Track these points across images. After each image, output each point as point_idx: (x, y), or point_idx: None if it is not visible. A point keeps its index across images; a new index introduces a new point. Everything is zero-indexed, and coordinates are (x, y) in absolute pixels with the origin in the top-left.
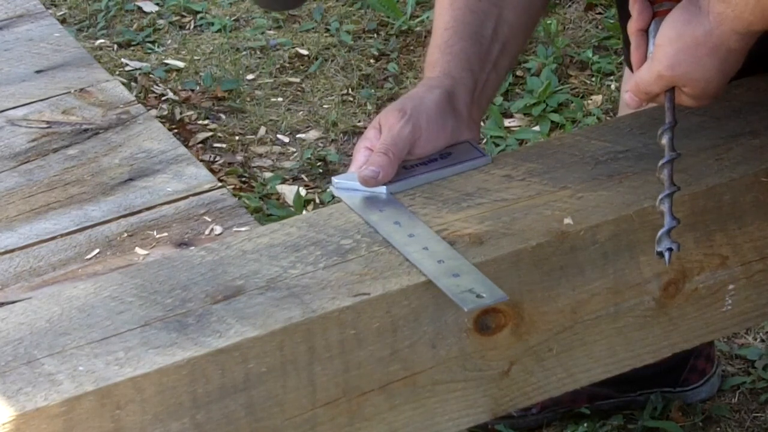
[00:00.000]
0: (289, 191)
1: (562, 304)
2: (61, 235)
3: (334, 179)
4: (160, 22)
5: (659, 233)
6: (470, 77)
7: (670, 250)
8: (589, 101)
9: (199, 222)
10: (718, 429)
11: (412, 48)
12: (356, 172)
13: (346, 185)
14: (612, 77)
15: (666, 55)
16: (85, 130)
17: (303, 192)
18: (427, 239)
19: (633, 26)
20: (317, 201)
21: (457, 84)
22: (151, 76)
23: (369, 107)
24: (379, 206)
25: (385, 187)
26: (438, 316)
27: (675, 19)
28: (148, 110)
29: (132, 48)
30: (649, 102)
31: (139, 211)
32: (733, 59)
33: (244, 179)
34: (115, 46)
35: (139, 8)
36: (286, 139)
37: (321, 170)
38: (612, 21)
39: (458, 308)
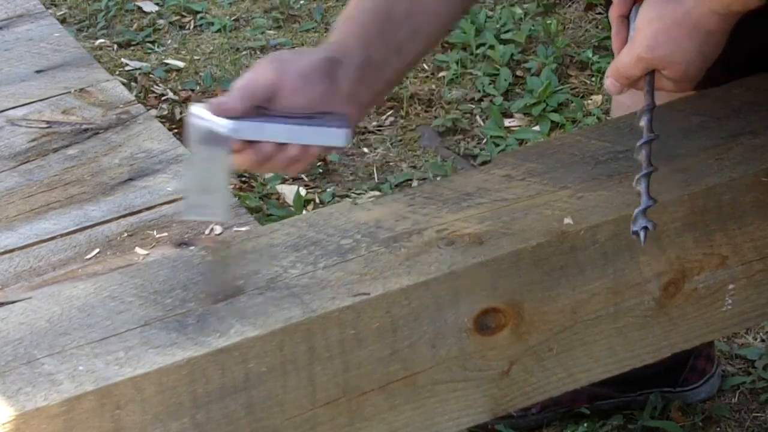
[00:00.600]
0: (289, 191)
1: (562, 304)
2: (61, 235)
3: (193, 106)
4: (160, 22)
5: (635, 212)
6: (362, 53)
7: (645, 229)
8: (589, 101)
9: (199, 222)
10: (718, 429)
11: None
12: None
13: (202, 114)
14: None
15: (645, 37)
16: (85, 130)
17: (303, 192)
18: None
19: (614, 12)
20: (317, 201)
21: (345, 55)
22: (151, 76)
23: None
24: (206, 152)
25: (231, 121)
26: (438, 316)
27: (654, 0)
28: (148, 110)
29: (132, 48)
30: (630, 87)
31: (139, 211)
32: (712, 41)
33: (244, 179)
34: (115, 46)
35: (139, 8)
36: None
37: (321, 170)
38: None
39: (458, 308)
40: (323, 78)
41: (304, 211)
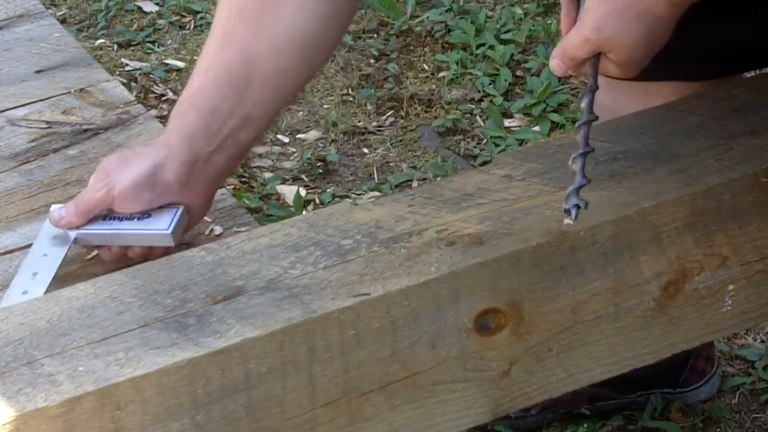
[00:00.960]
0: (289, 191)
1: (562, 304)
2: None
3: (53, 207)
4: (160, 22)
5: (568, 190)
6: (186, 151)
7: (577, 207)
8: None
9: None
10: (718, 429)
11: (412, 48)
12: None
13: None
14: None
15: (593, 19)
16: (85, 130)
17: (303, 192)
18: (37, 287)
19: None
20: (317, 201)
21: (169, 157)
22: (151, 76)
23: (369, 107)
24: (52, 245)
25: (73, 232)
26: (438, 316)
27: None
28: (148, 110)
29: (132, 48)
30: (576, 69)
31: None
32: (660, 27)
33: (244, 179)
34: (115, 46)
35: (139, 8)
36: (286, 139)
37: (321, 170)
38: None
39: (458, 308)
40: (149, 185)
41: (304, 212)
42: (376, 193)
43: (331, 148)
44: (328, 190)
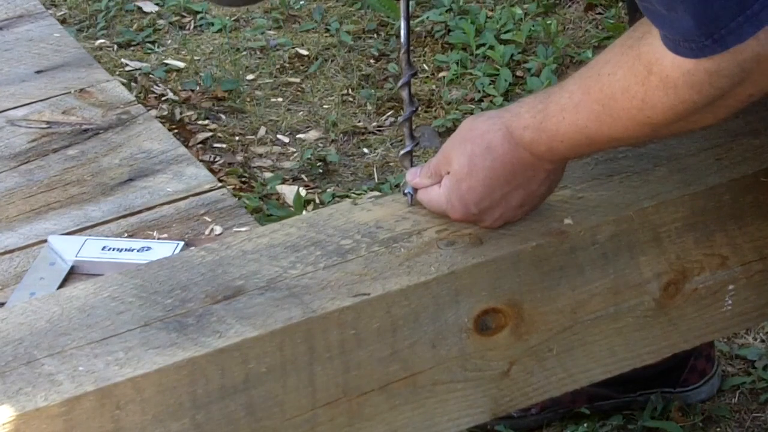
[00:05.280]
0: (289, 191)
1: (562, 304)
2: (61, 236)
3: (51, 237)
4: (160, 22)
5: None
6: None
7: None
8: None
9: (199, 222)
10: (718, 429)
11: (412, 48)
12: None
13: (54, 243)
14: None
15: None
16: (85, 130)
17: (303, 192)
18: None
19: None
20: (317, 201)
21: None
22: (151, 76)
23: (369, 107)
24: (48, 270)
25: (73, 258)
26: (438, 316)
27: None
28: (148, 110)
29: (132, 48)
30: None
31: (139, 211)
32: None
33: (244, 179)
34: (115, 46)
35: (139, 8)
36: (286, 139)
37: (321, 170)
38: (612, 21)
39: (458, 308)
40: None
41: (304, 212)
42: (376, 193)
43: (331, 148)
44: (328, 190)
